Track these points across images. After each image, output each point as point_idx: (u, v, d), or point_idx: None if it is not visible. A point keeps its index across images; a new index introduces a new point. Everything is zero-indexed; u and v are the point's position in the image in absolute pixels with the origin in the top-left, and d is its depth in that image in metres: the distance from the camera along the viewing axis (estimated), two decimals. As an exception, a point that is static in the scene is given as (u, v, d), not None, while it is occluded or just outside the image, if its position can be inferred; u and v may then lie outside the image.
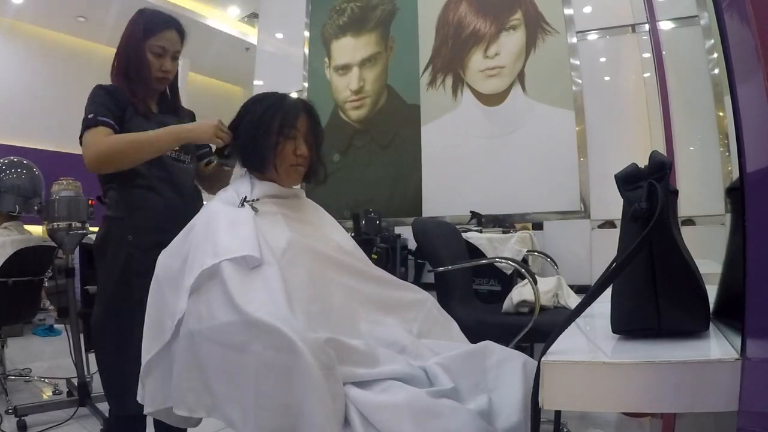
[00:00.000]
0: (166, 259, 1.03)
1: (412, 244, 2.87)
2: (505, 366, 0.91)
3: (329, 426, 0.72)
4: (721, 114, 2.42)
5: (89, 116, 1.30)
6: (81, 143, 1.29)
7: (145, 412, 1.01)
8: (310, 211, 1.21)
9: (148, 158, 1.30)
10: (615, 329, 0.65)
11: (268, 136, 1.08)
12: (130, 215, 1.34)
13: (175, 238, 1.05)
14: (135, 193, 1.34)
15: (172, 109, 1.50)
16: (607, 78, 2.94)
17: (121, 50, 1.40)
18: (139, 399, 1.03)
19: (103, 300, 1.36)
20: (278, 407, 0.77)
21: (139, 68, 1.37)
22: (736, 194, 0.54)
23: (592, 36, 2.94)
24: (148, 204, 1.35)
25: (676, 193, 0.66)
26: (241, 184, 1.12)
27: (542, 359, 0.54)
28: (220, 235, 0.94)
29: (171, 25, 1.41)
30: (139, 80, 1.38)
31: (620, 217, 0.66)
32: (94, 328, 1.39)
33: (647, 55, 2.75)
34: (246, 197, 1.06)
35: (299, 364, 0.74)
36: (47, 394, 2.67)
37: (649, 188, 0.61)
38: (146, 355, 0.98)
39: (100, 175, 1.38)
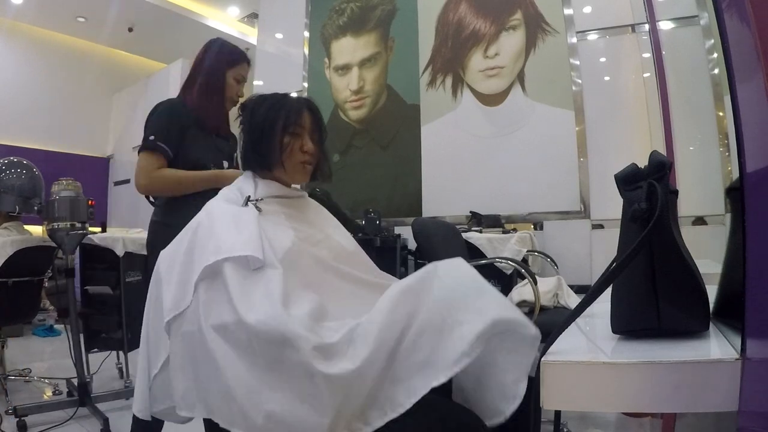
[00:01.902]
0: (164, 258, 1.03)
1: (412, 244, 2.87)
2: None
3: (324, 420, 0.73)
4: (721, 114, 2.42)
5: (150, 137, 1.47)
6: (138, 157, 1.49)
7: (153, 411, 1.00)
8: (313, 212, 1.21)
9: (187, 193, 1.49)
10: (615, 329, 0.65)
11: (274, 136, 1.08)
12: (176, 223, 1.49)
13: (176, 238, 1.05)
14: (180, 203, 1.51)
15: (225, 130, 1.67)
16: (607, 78, 2.94)
17: (203, 73, 1.58)
18: (135, 406, 1.03)
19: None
20: (279, 405, 0.77)
21: (220, 90, 1.58)
22: (736, 194, 0.54)
23: (592, 36, 2.94)
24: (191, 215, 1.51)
25: (676, 193, 0.66)
26: (244, 183, 1.12)
27: (542, 359, 0.54)
28: (224, 234, 0.94)
29: (246, 58, 1.66)
30: (217, 101, 1.58)
31: (618, 218, 0.66)
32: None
33: (647, 55, 2.75)
34: (249, 197, 1.05)
35: (294, 359, 0.75)
36: (47, 394, 2.67)
37: (648, 188, 0.61)
38: (157, 359, 0.97)
39: None
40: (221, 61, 1.60)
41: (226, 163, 1.63)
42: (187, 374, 0.89)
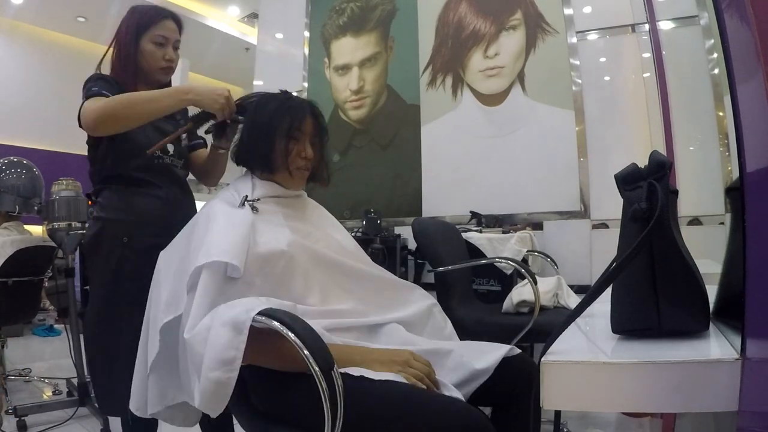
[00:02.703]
0: (165, 259, 1.03)
1: (412, 244, 2.86)
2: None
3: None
4: (721, 114, 2.42)
5: (91, 89, 1.26)
6: (79, 119, 1.24)
7: (149, 413, 1.00)
8: (311, 211, 1.21)
9: (148, 118, 1.22)
10: (615, 329, 0.65)
11: (277, 139, 1.08)
12: (126, 217, 1.32)
13: (175, 238, 1.05)
14: (130, 194, 1.34)
15: None
16: (607, 78, 2.94)
17: (119, 48, 1.37)
18: (132, 404, 1.03)
19: (95, 303, 1.33)
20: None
21: (134, 63, 1.35)
22: (736, 194, 0.54)
23: (592, 36, 2.93)
24: (144, 207, 1.34)
25: (676, 193, 0.66)
26: (242, 183, 1.12)
27: (542, 359, 0.54)
28: (214, 237, 0.94)
29: (167, 15, 1.40)
30: (138, 74, 1.36)
31: (618, 218, 0.66)
32: (85, 330, 1.38)
33: (647, 55, 2.75)
34: (246, 197, 1.05)
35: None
36: (47, 394, 2.67)
37: (649, 188, 0.61)
38: (150, 356, 0.98)
39: (92, 175, 1.38)
40: (131, 27, 1.35)
41: (172, 147, 1.40)
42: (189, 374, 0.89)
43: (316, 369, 0.70)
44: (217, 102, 1.17)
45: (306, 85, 3.82)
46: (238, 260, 0.89)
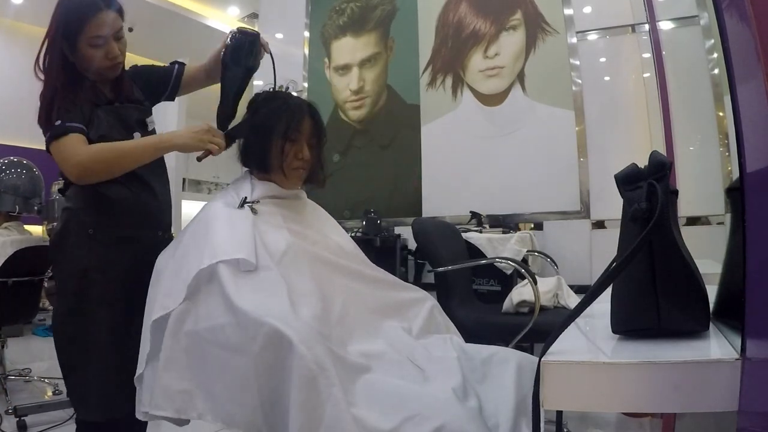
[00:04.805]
0: (163, 259, 1.03)
1: (412, 244, 2.86)
2: (496, 365, 0.92)
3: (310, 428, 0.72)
4: (721, 114, 2.42)
5: (56, 123, 1.11)
6: (48, 150, 1.15)
7: (141, 412, 1.00)
8: (311, 212, 1.21)
9: (130, 169, 1.14)
10: (615, 329, 0.65)
11: (273, 139, 1.09)
12: (92, 208, 1.19)
13: (176, 239, 1.05)
14: (99, 184, 1.15)
15: (128, 95, 1.30)
16: (607, 78, 2.94)
17: (50, 57, 1.17)
18: (137, 401, 1.03)
19: (63, 299, 1.23)
20: (276, 405, 0.77)
21: (77, 65, 1.19)
22: (736, 194, 0.54)
23: (592, 36, 2.94)
24: (113, 196, 1.18)
25: (676, 193, 0.66)
26: (241, 184, 1.12)
27: (542, 359, 0.54)
28: (217, 237, 0.94)
29: (99, 6, 1.17)
30: (77, 80, 1.19)
31: (618, 218, 0.66)
32: (54, 329, 1.26)
33: (647, 55, 2.75)
34: (246, 198, 1.05)
35: (293, 361, 0.75)
36: (47, 394, 2.67)
37: (648, 188, 0.61)
38: (143, 355, 0.97)
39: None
40: (59, 29, 1.15)
41: (137, 134, 1.25)
42: (182, 375, 0.88)
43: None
44: (196, 141, 1.12)
45: (306, 85, 3.82)
46: (248, 254, 0.91)
